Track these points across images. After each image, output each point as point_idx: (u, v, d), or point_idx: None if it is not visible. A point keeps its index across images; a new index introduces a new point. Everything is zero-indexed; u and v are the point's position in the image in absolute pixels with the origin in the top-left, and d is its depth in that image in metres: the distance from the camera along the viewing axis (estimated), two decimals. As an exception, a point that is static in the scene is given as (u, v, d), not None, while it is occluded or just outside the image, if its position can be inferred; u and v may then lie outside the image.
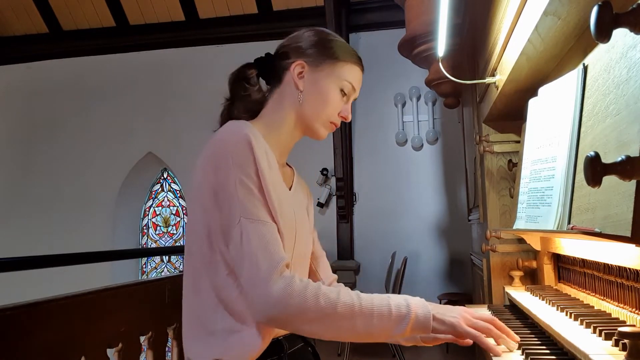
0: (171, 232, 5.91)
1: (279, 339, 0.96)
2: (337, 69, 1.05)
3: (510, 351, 0.87)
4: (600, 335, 0.77)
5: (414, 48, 3.20)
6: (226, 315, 0.89)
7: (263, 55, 1.11)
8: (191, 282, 0.94)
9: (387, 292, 3.86)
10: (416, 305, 0.87)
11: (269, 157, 0.94)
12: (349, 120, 1.09)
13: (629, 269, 0.86)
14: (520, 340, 0.90)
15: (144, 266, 5.89)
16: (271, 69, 1.09)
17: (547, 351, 0.85)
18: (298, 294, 0.82)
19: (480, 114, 2.06)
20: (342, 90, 1.06)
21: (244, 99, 1.07)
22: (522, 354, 0.85)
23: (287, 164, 1.15)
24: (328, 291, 0.85)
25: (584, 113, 0.99)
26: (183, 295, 0.97)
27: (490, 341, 0.86)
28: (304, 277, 1.04)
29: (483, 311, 1.09)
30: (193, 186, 0.94)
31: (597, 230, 0.77)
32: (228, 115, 1.07)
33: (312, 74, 1.04)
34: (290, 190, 1.05)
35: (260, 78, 1.11)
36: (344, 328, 0.84)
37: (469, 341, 0.89)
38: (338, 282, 1.22)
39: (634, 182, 0.65)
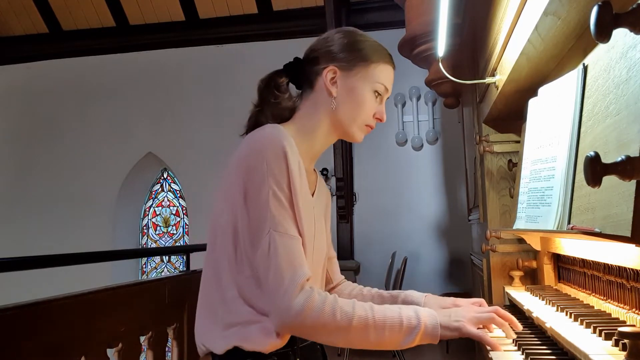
0: (171, 232, 5.91)
1: None
2: (370, 71, 1.05)
3: (509, 338, 0.92)
4: (600, 335, 0.77)
5: (414, 48, 3.20)
6: (247, 308, 0.92)
7: (291, 61, 1.10)
8: (212, 275, 0.97)
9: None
10: (425, 316, 0.90)
11: (300, 167, 0.95)
12: (384, 120, 1.09)
13: (629, 269, 0.86)
14: (521, 340, 0.90)
15: (144, 266, 5.88)
16: (302, 75, 1.10)
17: (547, 351, 0.85)
18: (316, 309, 0.86)
19: (480, 114, 2.06)
20: (375, 92, 1.06)
21: (274, 106, 1.07)
22: (522, 354, 0.85)
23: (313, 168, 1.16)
24: (344, 305, 0.89)
25: (584, 113, 0.99)
26: (201, 285, 1.00)
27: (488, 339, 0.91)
28: (318, 282, 1.09)
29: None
30: (224, 182, 0.96)
31: (597, 230, 0.76)
32: (256, 121, 1.07)
33: (345, 79, 1.04)
34: (313, 196, 1.07)
35: (290, 83, 1.11)
36: (357, 339, 0.89)
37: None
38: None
39: (634, 182, 0.65)
